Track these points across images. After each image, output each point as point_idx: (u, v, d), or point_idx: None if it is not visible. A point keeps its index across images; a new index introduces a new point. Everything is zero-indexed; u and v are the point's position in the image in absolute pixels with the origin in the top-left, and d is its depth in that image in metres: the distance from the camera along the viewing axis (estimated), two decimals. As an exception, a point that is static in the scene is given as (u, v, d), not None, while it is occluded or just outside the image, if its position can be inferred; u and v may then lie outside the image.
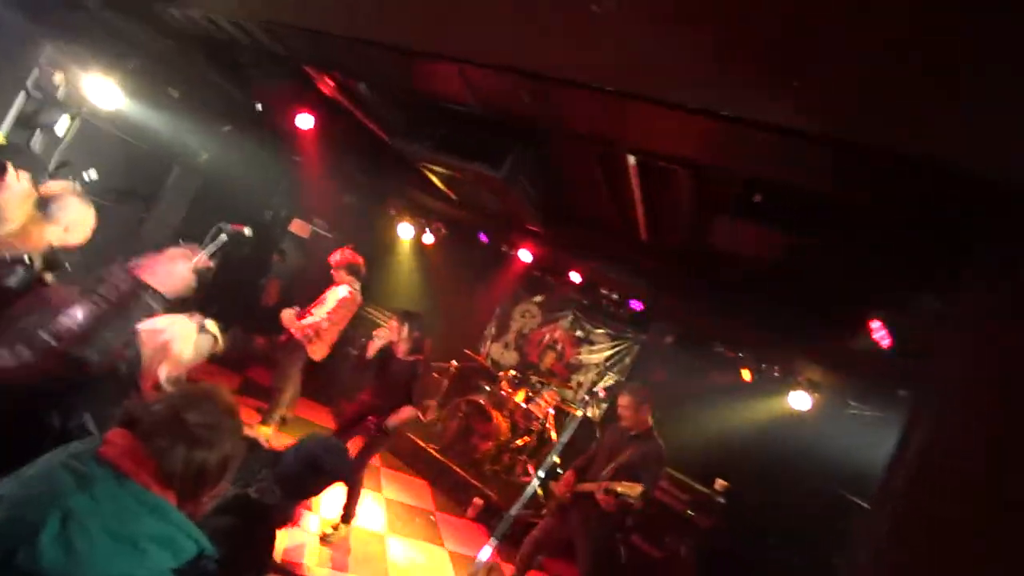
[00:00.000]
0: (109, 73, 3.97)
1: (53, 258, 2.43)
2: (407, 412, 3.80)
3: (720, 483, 4.95)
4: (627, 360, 6.66)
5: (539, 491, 4.08)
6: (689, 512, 4.84)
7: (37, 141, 4.50)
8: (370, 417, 3.91)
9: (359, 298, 4.66)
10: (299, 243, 6.92)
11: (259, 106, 4.10)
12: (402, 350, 3.93)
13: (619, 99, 1.57)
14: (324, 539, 3.79)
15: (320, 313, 4.40)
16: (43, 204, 2.29)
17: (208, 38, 3.26)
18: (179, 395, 1.15)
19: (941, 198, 1.31)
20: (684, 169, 2.14)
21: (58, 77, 4.39)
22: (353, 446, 3.76)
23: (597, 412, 6.29)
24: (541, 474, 3.40)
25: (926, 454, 0.99)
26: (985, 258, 1.25)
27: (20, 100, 4.28)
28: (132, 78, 4.09)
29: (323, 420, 6.04)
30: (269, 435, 4.34)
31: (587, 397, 5.76)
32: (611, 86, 1.42)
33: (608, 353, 6.75)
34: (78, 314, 1.68)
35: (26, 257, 2.20)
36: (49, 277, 2.40)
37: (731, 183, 2.24)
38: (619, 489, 3.13)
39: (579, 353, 6.91)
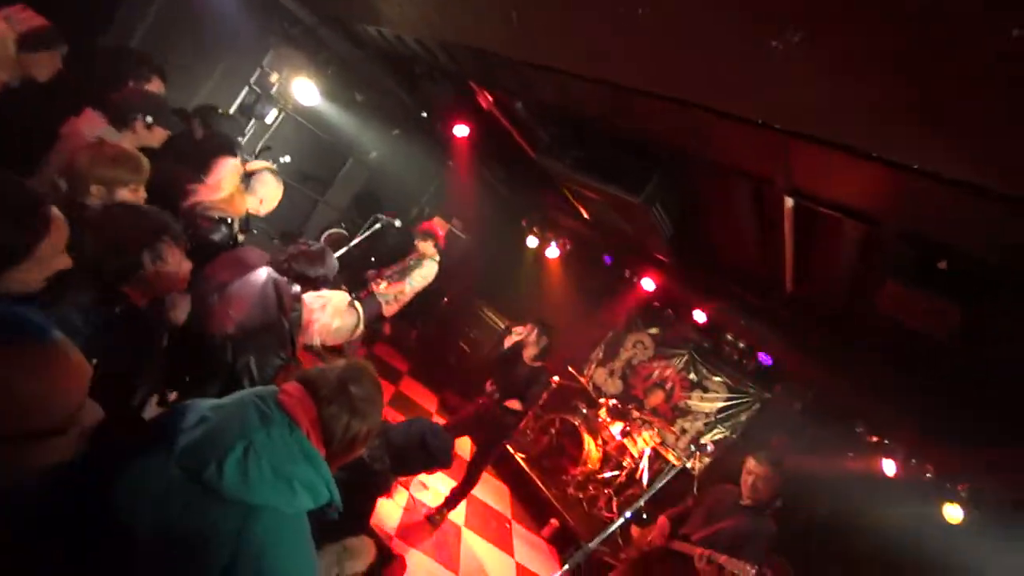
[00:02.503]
0: (312, 76, 4.69)
1: (246, 223, 2.94)
2: (515, 403, 3.98)
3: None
4: (742, 417, 6.08)
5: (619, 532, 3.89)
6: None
7: (251, 127, 5.49)
8: (481, 401, 4.15)
9: None
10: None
11: (425, 114, 4.53)
12: (529, 354, 4.10)
13: (787, 137, 1.46)
14: (430, 519, 4.09)
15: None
16: (246, 178, 2.78)
17: (393, 52, 3.70)
18: (346, 367, 1.29)
19: None
20: (852, 220, 1.91)
21: (274, 77, 5.32)
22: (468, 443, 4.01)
23: (699, 465, 5.82)
24: (628, 515, 3.23)
25: None
26: None
27: (243, 93, 5.26)
28: (328, 82, 4.79)
29: (426, 401, 6.44)
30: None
31: (692, 447, 5.37)
32: (781, 124, 1.33)
33: (721, 404, 6.23)
34: (256, 278, 1.99)
35: (228, 219, 2.68)
36: (241, 237, 2.91)
37: (909, 242, 1.95)
38: (727, 566, 2.82)
39: (689, 398, 6.47)
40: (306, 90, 4.51)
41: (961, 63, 1.02)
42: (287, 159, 4.59)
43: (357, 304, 2.08)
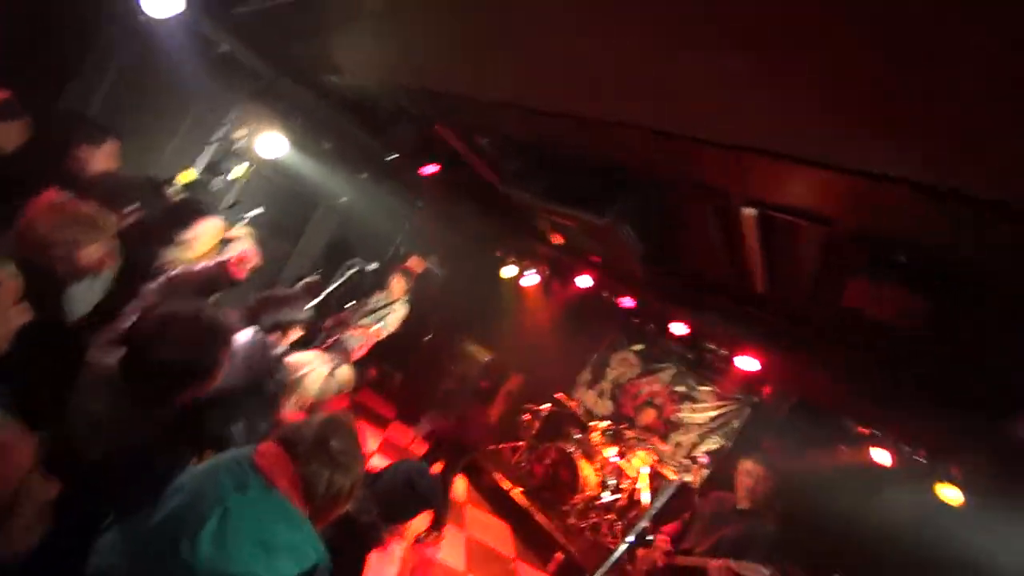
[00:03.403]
0: (278, 128, 4.74)
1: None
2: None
3: (841, 580, 4.24)
4: (735, 424, 6.10)
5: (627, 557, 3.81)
6: (804, 611, 4.18)
7: (219, 183, 5.48)
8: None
9: None
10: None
11: (392, 156, 4.60)
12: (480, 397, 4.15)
13: (738, 152, 1.54)
14: (416, 540, 3.97)
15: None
16: (224, 242, 2.76)
17: (357, 99, 3.79)
18: (324, 421, 1.26)
19: None
20: (812, 224, 2.00)
21: (240, 132, 5.35)
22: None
23: (698, 478, 5.79)
24: (631, 539, 3.18)
25: None
26: None
27: (211, 151, 5.27)
28: (295, 132, 4.83)
29: (416, 446, 6.26)
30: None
31: (687, 461, 5.35)
32: (730, 141, 1.41)
33: (713, 414, 6.25)
34: (241, 338, 1.95)
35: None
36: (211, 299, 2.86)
37: (868, 240, 2.04)
38: (741, 571, 2.78)
39: (680, 410, 6.48)
40: (273, 142, 4.54)
41: (881, 70, 1.10)
42: (258, 211, 4.57)
43: (345, 368, 2.05)
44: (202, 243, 2.44)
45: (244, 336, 1.82)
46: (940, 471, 4.11)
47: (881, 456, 4.46)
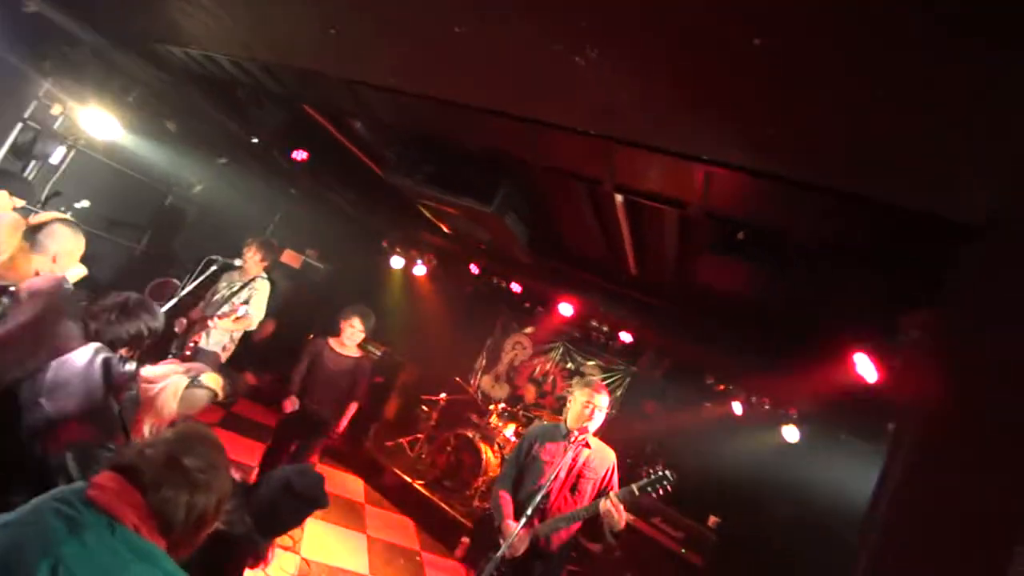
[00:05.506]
0: (107, 106, 4.04)
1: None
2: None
3: (713, 519, 4.87)
4: (618, 392, 6.64)
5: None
6: (682, 550, 4.74)
7: (32, 170, 4.55)
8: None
9: None
10: (290, 273, 6.95)
11: (255, 140, 4.18)
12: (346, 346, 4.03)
13: (604, 142, 1.64)
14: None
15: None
16: (31, 233, 2.29)
17: (208, 75, 3.36)
18: (172, 439, 1.12)
19: (898, 233, 1.37)
20: (670, 208, 2.21)
21: (56, 109, 4.48)
22: None
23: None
24: (528, 512, 3.30)
25: (906, 483, 1.00)
26: (954, 286, 1.30)
27: (16, 131, 4.34)
28: (130, 111, 4.16)
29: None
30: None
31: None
32: (595, 130, 1.49)
33: (599, 386, 6.73)
34: (79, 356, 1.64)
35: (12, 287, 2.18)
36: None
37: (716, 221, 2.31)
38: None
39: (570, 385, 6.87)
40: (100, 122, 3.87)
41: (718, 67, 1.24)
42: (85, 203, 3.89)
43: (206, 377, 1.80)
44: (3, 245, 2.01)
45: (83, 354, 1.54)
46: (782, 415, 4.91)
47: (737, 408, 5.18)
